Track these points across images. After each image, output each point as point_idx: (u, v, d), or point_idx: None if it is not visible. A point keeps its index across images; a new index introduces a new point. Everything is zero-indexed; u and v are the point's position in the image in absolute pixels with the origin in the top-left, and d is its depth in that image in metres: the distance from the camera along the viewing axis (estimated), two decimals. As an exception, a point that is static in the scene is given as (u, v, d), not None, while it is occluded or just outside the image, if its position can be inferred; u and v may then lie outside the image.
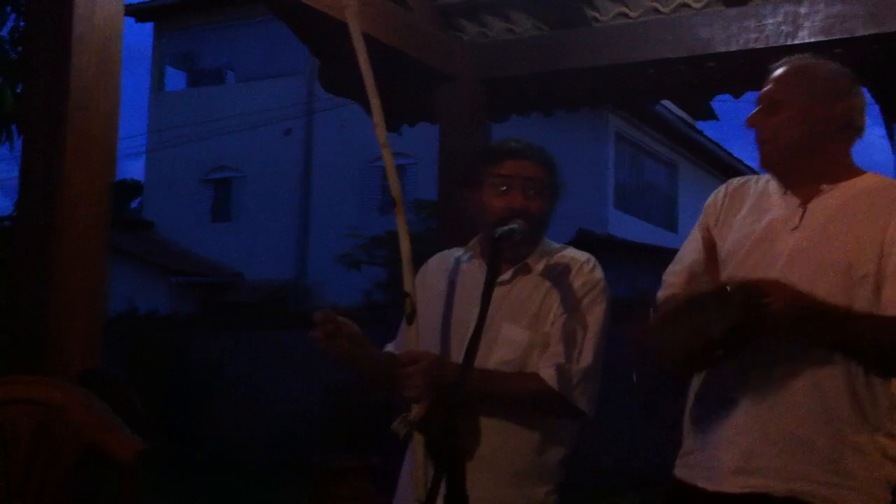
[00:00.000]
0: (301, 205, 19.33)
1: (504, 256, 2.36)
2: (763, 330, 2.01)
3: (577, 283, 2.49)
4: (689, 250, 2.41)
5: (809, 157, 2.26)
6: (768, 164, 2.32)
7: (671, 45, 4.35)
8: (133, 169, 43.32)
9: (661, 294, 2.37)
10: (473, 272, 2.58)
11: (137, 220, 20.82)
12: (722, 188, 2.45)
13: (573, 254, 2.58)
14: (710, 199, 2.44)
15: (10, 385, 2.63)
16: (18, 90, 5.10)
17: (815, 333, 2.07)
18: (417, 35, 4.56)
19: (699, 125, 18.62)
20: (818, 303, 2.03)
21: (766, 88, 2.32)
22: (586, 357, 2.44)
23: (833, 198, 2.23)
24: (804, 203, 2.25)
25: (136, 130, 20.54)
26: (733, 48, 4.20)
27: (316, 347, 2.41)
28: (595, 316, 2.48)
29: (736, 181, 2.46)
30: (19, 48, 5.57)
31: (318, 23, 3.99)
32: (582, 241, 12.37)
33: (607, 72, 4.64)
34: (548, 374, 2.40)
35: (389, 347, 2.72)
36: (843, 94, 2.27)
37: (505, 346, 2.44)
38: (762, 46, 4.10)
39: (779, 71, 2.32)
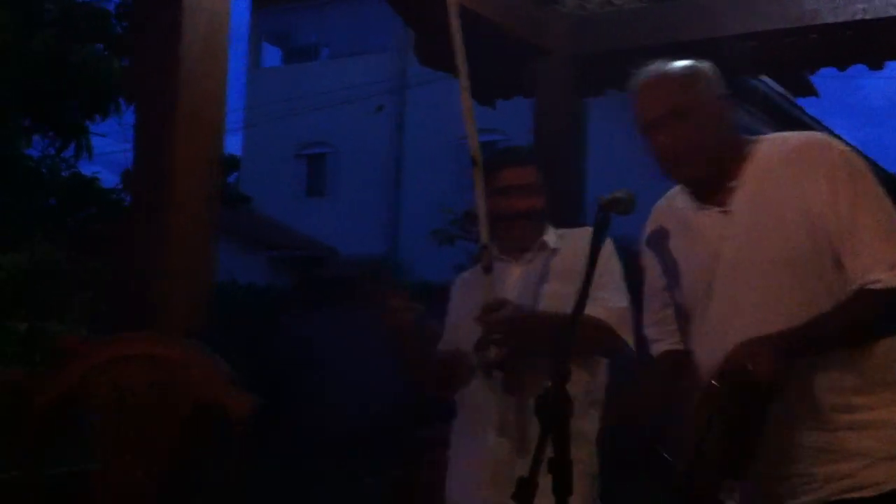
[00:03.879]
0: (393, 180, 19.46)
1: (522, 245, 2.87)
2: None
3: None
4: (652, 293, 2.36)
5: (723, 154, 2.14)
6: (695, 178, 2.17)
7: (776, 16, 4.25)
8: (231, 144, 43.91)
9: (655, 351, 2.34)
10: (479, 284, 2.84)
11: (235, 194, 21.21)
12: (648, 222, 2.34)
13: (578, 230, 2.84)
14: (643, 235, 2.35)
15: (129, 341, 2.74)
16: (124, 63, 5.24)
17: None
18: (514, 8, 4.54)
19: (798, 101, 18.11)
20: (790, 338, 1.92)
21: (652, 107, 2.15)
22: (622, 300, 2.71)
23: (744, 190, 2.11)
24: (724, 210, 2.13)
25: (233, 106, 20.87)
26: (840, 19, 4.09)
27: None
28: (614, 269, 2.72)
29: (657, 207, 2.34)
30: (125, 23, 5.73)
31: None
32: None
33: (707, 45, 4.54)
34: (598, 313, 2.56)
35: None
36: (709, 78, 2.16)
37: (550, 302, 2.68)
38: (870, 18, 3.99)
39: (652, 85, 2.16)
